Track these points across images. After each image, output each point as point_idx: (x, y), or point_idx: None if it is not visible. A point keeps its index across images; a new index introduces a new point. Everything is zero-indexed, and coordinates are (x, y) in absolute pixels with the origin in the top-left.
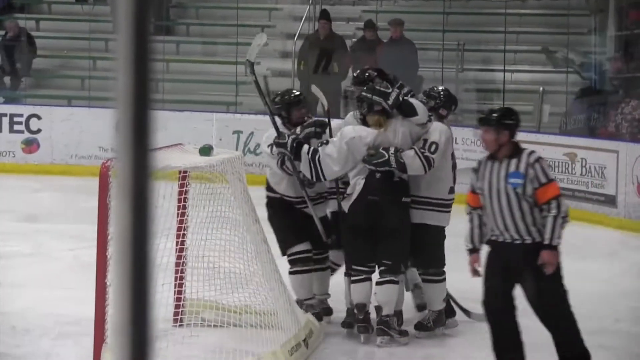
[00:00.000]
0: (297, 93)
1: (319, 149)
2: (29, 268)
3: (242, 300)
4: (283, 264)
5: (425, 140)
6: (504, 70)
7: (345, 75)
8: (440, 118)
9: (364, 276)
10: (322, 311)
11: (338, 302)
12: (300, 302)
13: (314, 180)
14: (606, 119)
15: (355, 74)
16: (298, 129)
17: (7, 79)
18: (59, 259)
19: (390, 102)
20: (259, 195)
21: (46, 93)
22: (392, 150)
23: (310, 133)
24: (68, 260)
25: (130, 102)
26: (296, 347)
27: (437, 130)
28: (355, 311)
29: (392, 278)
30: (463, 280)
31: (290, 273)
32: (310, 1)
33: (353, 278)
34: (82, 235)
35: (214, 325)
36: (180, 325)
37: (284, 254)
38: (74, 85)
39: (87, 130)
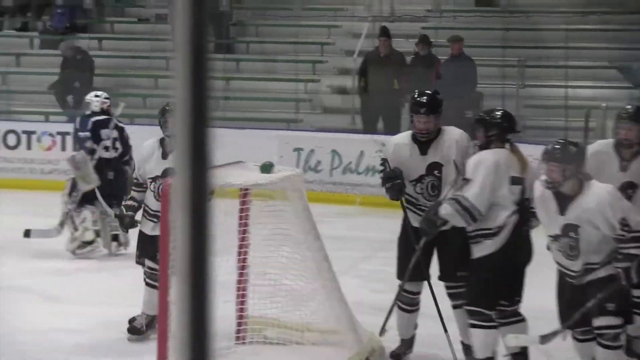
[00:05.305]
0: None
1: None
2: (93, 285)
3: (304, 317)
4: (344, 281)
5: None
6: (566, 87)
7: (405, 92)
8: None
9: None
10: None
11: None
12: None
13: None
14: None
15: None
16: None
17: (69, 98)
18: (123, 277)
19: None
20: (320, 212)
21: None
22: None
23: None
24: (131, 278)
25: (189, 120)
26: None
27: None
28: None
29: None
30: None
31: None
32: (370, 18)
33: (484, 324)
34: None
35: (276, 343)
36: (242, 343)
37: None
38: (135, 103)
39: None
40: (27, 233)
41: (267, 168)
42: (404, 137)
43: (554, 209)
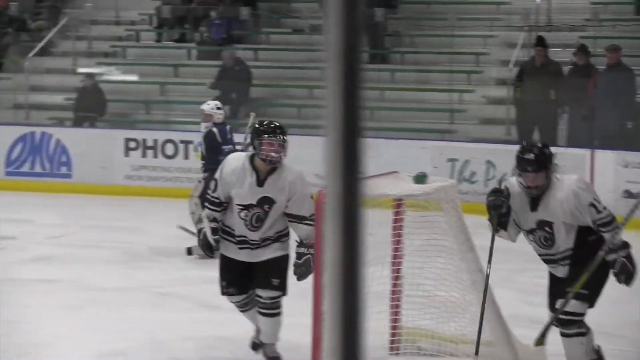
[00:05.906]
0: None
1: None
2: None
3: (458, 329)
4: (500, 293)
5: None
6: None
7: (562, 103)
8: None
9: None
10: None
11: None
12: None
13: None
14: None
15: None
16: None
17: (226, 108)
18: None
19: None
20: (475, 224)
21: None
22: None
23: None
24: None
25: (341, 130)
26: None
27: None
28: None
29: None
30: None
31: None
32: (526, 28)
33: None
34: None
35: (430, 354)
36: (396, 354)
37: None
38: (290, 113)
39: (301, 157)
40: (189, 251)
41: (420, 179)
42: (516, 184)
43: None
